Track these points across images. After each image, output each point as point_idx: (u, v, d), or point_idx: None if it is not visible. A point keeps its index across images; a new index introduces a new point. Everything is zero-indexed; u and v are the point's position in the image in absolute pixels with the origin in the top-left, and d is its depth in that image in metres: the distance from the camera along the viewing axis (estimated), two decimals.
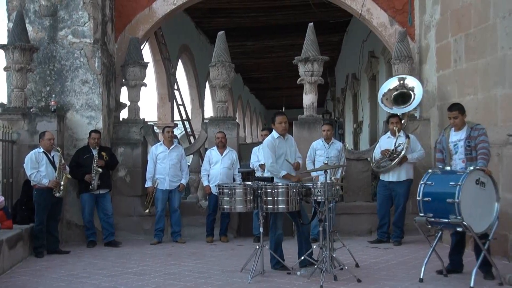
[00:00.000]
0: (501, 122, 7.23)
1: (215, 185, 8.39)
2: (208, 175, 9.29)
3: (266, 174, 6.95)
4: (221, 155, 9.25)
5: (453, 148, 6.43)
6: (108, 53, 9.86)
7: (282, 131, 6.91)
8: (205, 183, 9.32)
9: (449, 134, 6.50)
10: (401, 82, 9.22)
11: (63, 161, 8.30)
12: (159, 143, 9.54)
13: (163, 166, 9.21)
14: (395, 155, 8.54)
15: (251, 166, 9.29)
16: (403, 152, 8.49)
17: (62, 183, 8.17)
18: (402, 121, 8.99)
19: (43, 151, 8.15)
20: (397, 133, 8.55)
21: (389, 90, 9.27)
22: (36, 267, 7.34)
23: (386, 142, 8.77)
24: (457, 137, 6.41)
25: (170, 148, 9.29)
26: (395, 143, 8.56)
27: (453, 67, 8.38)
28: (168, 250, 8.51)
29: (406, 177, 8.53)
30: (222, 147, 9.30)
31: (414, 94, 9.04)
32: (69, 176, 8.38)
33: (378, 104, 15.15)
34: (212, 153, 9.34)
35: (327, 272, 6.11)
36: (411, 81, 9.16)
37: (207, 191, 9.30)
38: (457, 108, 6.45)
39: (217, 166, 9.22)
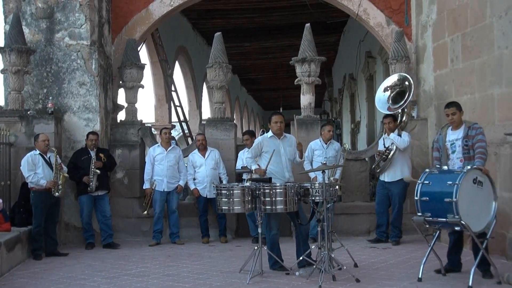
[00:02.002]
0: (498, 121, 7.25)
1: (214, 186, 8.52)
2: (194, 179, 9.31)
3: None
4: (204, 158, 9.28)
5: (450, 147, 6.44)
6: (105, 55, 9.85)
7: (277, 131, 7.01)
8: (192, 187, 9.34)
9: (446, 133, 6.51)
10: (392, 84, 9.22)
11: (59, 161, 8.30)
12: (156, 144, 9.54)
13: (161, 167, 9.21)
14: (384, 156, 8.61)
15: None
16: (392, 152, 8.51)
17: (60, 182, 8.18)
18: (404, 119, 9.03)
19: (39, 153, 8.15)
20: (388, 133, 8.59)
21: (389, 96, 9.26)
22: (34, 269, 7.33)
23: (382, 141, 8.82)
24: (454, 136, 6.41)
25: (168, 150, 9.29)
26: (384, 144, 8.63)
27: (450, 67, 8.40)
28: (167, 251, 8.51)
29: (400, 176, 8.49)
30: (203, 149, 9.33)
31: (409, 89, 9.05)
32: (66, 175, 8.38)
33: (375, 104, 15.26)
34: (195, 157, 9.37)
35: (326, 272, 6.11)
36: (398, 77, 9.14)
37: (196, 194, 9.30)
38: (455, 105, 6.47)
39: (202, 169, 9.26)
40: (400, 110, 9.21)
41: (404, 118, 9.15)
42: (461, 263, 6.49)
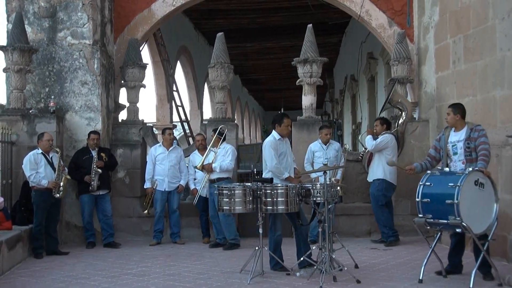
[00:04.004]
0: (500, 123, 7.24)
1: (201, 185, 8.81)
2: (195, 179, 9.30)
3: (267, 175, 6.95)
4: (202, 158, 9.24)
5: (451, 148, 6.43)
6: (107, 54, 9.86)
7: (287, 134, 7.06)
8: (192, 187, 9.33)
9: (449, 134, 6.50)
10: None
11: (62, 162, 8.30)
12: (158, 144, 9.54)
13: (162, 167, 9.21)
14: (360, 156, 9.13)
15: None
16: (365, 152, 8.95)
17: (61, 183, 8.19)
18: (401, 120, 9.08)
19: (42, 152, 8.15)
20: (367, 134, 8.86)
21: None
22: (35, 268, 7.34)
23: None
24: (456, 138, 6.40)
25: (169, 150, 9.29)
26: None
27: (452, 69, 8.40)
28: (167, 251, 8.52)
29: (374, 177, 8.64)
30: (202, 149, 9.28)
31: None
32: (68, 177, 8.38)
33: (377, 105, 15.28)
34: (195, 157, 9.33)
35: (327, 273, 6.12)
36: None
37: (194, 194, 9.30)
38: (451, 106, 6.53)
39: None
40: (400, 112, 9.25)
41: (400, 121, 9.16)
42: (462, 265, 6.49)
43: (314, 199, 6.52)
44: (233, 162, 8.94)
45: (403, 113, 9.20)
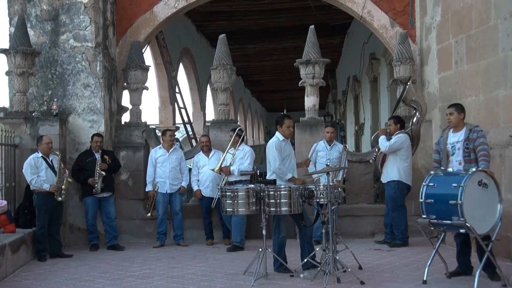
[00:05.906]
0: (503, 123, 7.23)
1: (218, 187, 8.56)
2: (198, 180, 9.30)
3: (271, 177, 6.93)
4: (208, 158, 9.26)
5: (450, 149, 6.41)
6: (109, 57, 9.87)
7: (290, 135, 6.99)
8: (195, 188, 9.33)
9: (447, 135, 6.49)
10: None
11: (62, 165, 8.31)
12: (158, 146, 9.53)
13: (163, 169, 9.20)
14: (373, 157, 8.93)
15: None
16: (379, 153, 8.75)
17: (63, 187, 8.18)
18: (415, 118, 8.98)
19: (42, 156, 8.14)
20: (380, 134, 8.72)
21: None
22: (39, 270, 7.35)
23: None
24: (455, 139, 6.38)
25: (170, 152, 9.28)
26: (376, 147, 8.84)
27: (454, 69, 8.39)
28: (171, 253, 8.52)
29: (389, 179, 8.52)
30: (207, 150, 9.31)
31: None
32: (70, 179, 8.38)
33: (379, 106, 15.27)
34: (199, 157, 9.37)
35: (330, 274, 6.12)
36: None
37: (198, 196, 9.30)
38: (454, 106, 6.48)
39: (205, 169, 9.21)
40: (414, 111, 9.16)
41: (414, 120, 9.10)
42: (472, 266, 6.42)
43: (318, 200, 6.51)
44: (252, 165, 8.96)
45: (417, 112, 9.09)
